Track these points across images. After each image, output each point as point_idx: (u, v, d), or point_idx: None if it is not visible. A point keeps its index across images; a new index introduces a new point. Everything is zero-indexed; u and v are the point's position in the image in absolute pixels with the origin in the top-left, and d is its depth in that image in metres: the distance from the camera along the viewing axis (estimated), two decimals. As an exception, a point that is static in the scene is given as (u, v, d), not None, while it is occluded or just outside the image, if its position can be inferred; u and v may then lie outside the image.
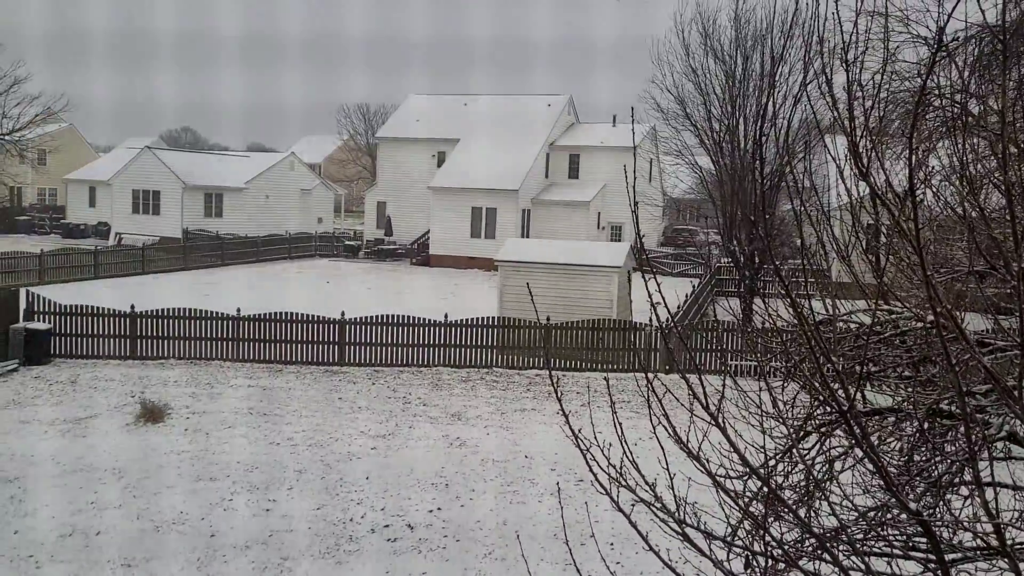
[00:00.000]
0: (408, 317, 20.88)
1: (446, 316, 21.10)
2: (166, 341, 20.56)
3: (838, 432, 5.22)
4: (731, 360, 18.84)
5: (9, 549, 10.15)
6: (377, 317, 20.89)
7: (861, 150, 4.45)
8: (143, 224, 47.92)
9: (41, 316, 20.37)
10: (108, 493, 11.96)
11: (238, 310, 20.87)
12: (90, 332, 20.46)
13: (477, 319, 21.06)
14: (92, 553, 10.12)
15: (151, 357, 20.44)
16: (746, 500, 4.50)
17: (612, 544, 10.17)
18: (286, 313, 20.79)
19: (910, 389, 5.32)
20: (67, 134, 62.82)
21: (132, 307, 20.74)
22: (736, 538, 4.48)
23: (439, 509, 11.72)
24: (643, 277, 4.10)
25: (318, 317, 20.81)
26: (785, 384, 5.44)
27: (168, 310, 20.77)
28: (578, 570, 4.69)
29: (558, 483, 11.21)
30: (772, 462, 5.09)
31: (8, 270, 31.21)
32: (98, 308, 20.72)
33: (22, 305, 20.41)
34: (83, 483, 12.31)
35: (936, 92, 6.89)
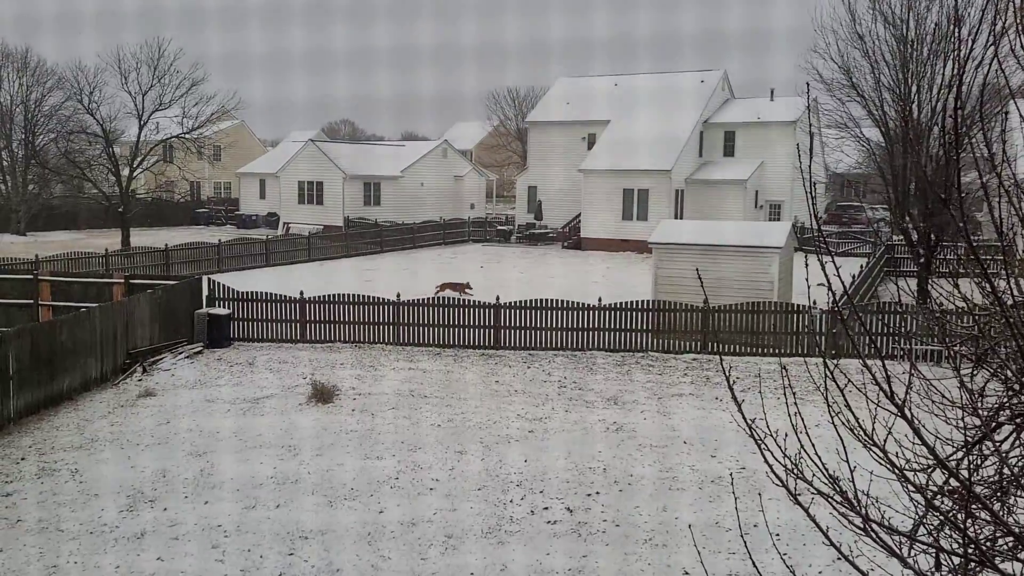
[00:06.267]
0: (562, 301, 20.98)
1: (600, 300, 21.04)
2: (332, 325, 21.60)
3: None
4: (911, 344, 17.79)
5: (201, 518, 10.98)
6: (531, 301, 21.10)
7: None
8: (308, 214, 50.46)
9: (221, 302, 21.85)
10: (286, 468, 12.71)
11: (398, 295, 21.62)
12: (265, 317, 21.78)
13: (631, 303, 20.89)
14: (273, 525, 10.79)
15: (319, 341, 21.53)
16: (930, 494, 4.23)
17: (778, 535, 9.86)
18: (443, 298, 21.34)
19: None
20: (239, 130, 66.99)
21: (301, 293, 21.89)
22: (918, 533, 4.23)
23: (597, 493, 11.73)
24: (819, 259, 3.91)
25: (474, 301, 21.25)
26: (974, 371, 5.06)
27: (333, 296, 21.80)
28: (752, 559, 4.56)
29: (731, 473, 10.95)
30: (960, 454, 4.76)
31: (191, 259, 33.68)
32: (271, 294, 22.01)
33: (204, 292, 21.98)
34: (263, 459, 13.14)
35: None
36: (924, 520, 4.27)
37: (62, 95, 47.87)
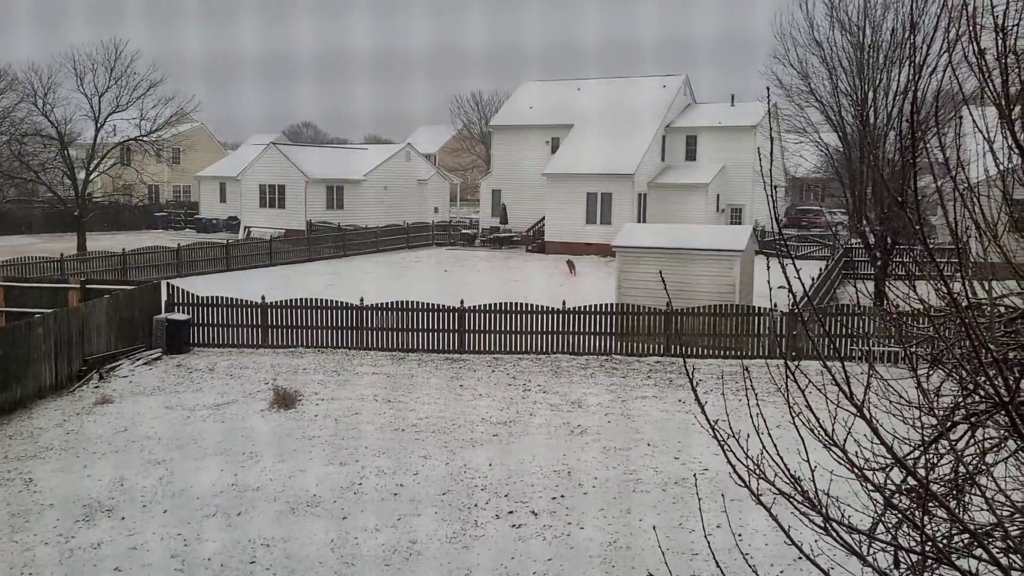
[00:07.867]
0: (526, 305, 20.99)
1: (564, 303, 21.09)
2: (295, 330, 21.38)
3: (990, 423, 4.92)
4: (869, 345, 18.07)
5: (160, 528, 10.80)
6: (495, 305, 21.09)
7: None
8: (270, 217, 49.94)
9: (181, 307, 21.53)
10: (247, 476, 12.54)
11: (361, 299, 21.48)
12: (225, 322, 21.49)
13: (595, 306, 20.97)
14: (234, 532, 10.64)
15: (282, 345, 21.30)
16: (889, 492, 4.30)
17: (740, 535, 9.95)
18: (407, 302, 21.25)
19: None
20: (198, 133, 66.12)
21: (263, 298, 21.65)
22: (877, 531, 4.29)
23: (562, 497, 11.74)
24: (780, 261, 3.95)
25: (438, 305, 21.18)
26: (930, 371, 5.15)
27: (296, 300, 21.59)
28: (716, 559, 4.59)
29: (694, 475, 11.04)
30: (917, 453, 4.84)
31: (150, 264, 33.15)
32: (231, 299, 21.73)
33: (163, 297, 21.64)
34: (223, 466, 12.95)
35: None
36: (883, 518, 4.33)
37: (15, 97, 46.88)
